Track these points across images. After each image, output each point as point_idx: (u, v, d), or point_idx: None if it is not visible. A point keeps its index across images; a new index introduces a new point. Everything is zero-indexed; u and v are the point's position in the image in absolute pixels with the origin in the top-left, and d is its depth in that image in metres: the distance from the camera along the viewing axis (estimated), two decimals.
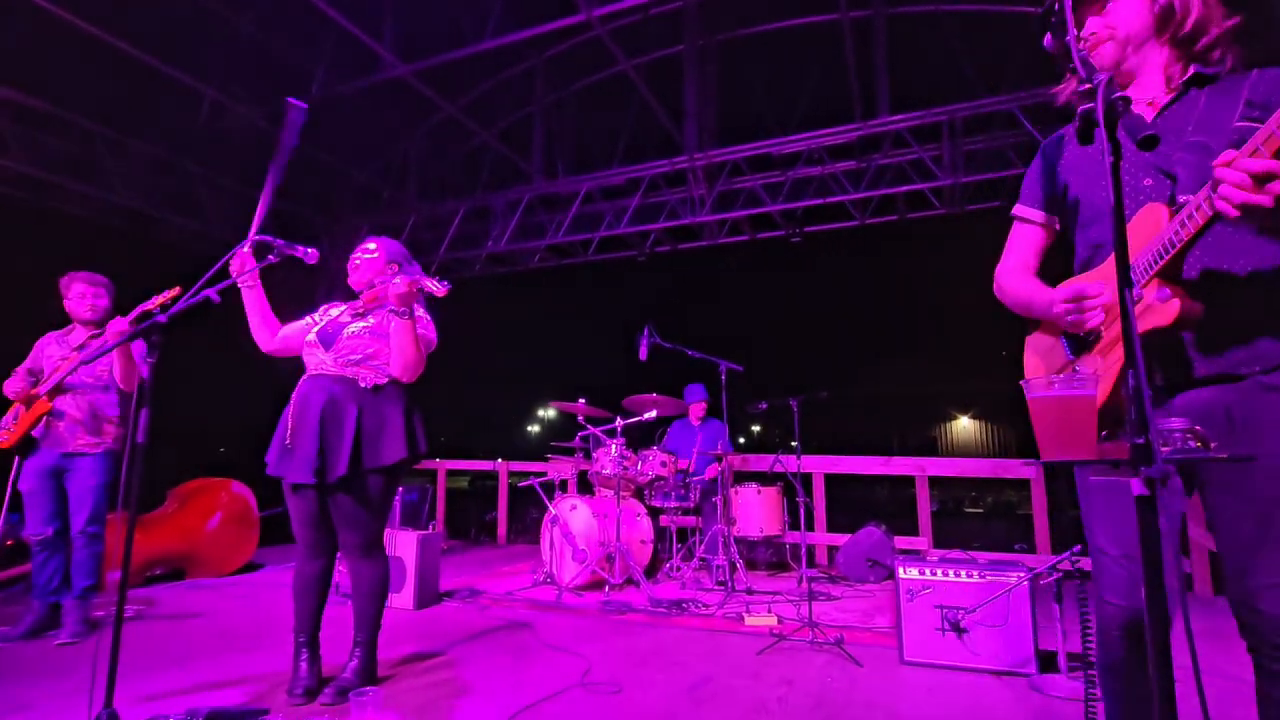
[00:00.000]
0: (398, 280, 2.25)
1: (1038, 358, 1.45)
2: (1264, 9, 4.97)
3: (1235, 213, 1.01)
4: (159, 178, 6.89)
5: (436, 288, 2.23)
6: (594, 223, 7.62)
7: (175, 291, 2.85)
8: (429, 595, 4.00)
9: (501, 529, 7.10)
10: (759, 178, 6.89)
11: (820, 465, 5.76)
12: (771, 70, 6.67)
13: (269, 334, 2.60)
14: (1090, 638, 2.26)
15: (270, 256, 2.26)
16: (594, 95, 7.41)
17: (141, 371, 2.57)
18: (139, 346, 3.22)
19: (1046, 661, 2.73)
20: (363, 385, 2.45)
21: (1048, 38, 1.24)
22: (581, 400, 4.88)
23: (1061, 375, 1.02)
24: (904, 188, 6.33)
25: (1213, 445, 0.97)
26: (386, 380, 2.48)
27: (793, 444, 4.32)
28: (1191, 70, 1.27)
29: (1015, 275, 1.50)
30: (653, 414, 4.89)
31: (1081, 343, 1.33)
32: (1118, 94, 0.92)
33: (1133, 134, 0.88)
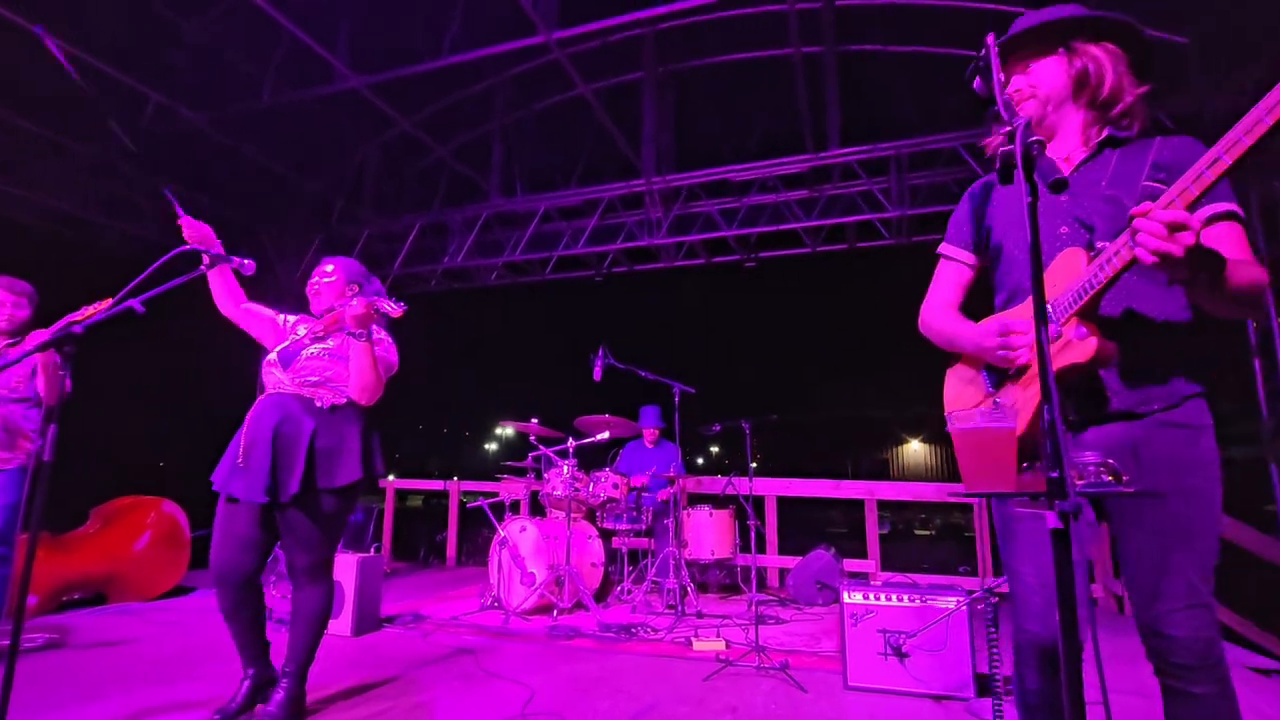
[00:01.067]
0: (355, 302, 2.22)
1: (959, 389, 1.50)
2: (1171, 72, 5.36)
3: (1151, 259, 1.07)
4: (98, 182, 6.60)
5: (392, 308, 2.21)
6: (552, 242, 7.60)
7: (108, 304, 2.72)
8: (369, 621, 3.85)
9: (451, 550, 6.93)
10: (715, 203, 7.00)
11: (772, 488, 5.81)
12: (727, 100, 6.82)
13: (232, 303, 2.59)
14: (998, 660, 2.33)
15: (203, 266, 2.17)
16: (553, 116, 7.43)
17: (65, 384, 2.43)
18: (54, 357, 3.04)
19: (984, 685, 2.78)
20: (319, 405, 2.41)
21: (977, 81, 1.33)
22: (534, 420, 4.82)
23: (982, 408, 1.05)
24: (854, 218, 6.52)
25: (1125, 479, 1.01)
26: (345, 401, 2.45)
27: (750, 465, 4.35)
28: (1106, 132, 1.38)
29: (941, 311, 1.57)
30: (605, 435, 4.87)
31: (1002, 375, 1.39)
32: (1034, 138, 0.97)
33: (1045, 178, 0.93)
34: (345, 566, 3.78)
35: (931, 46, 5.98)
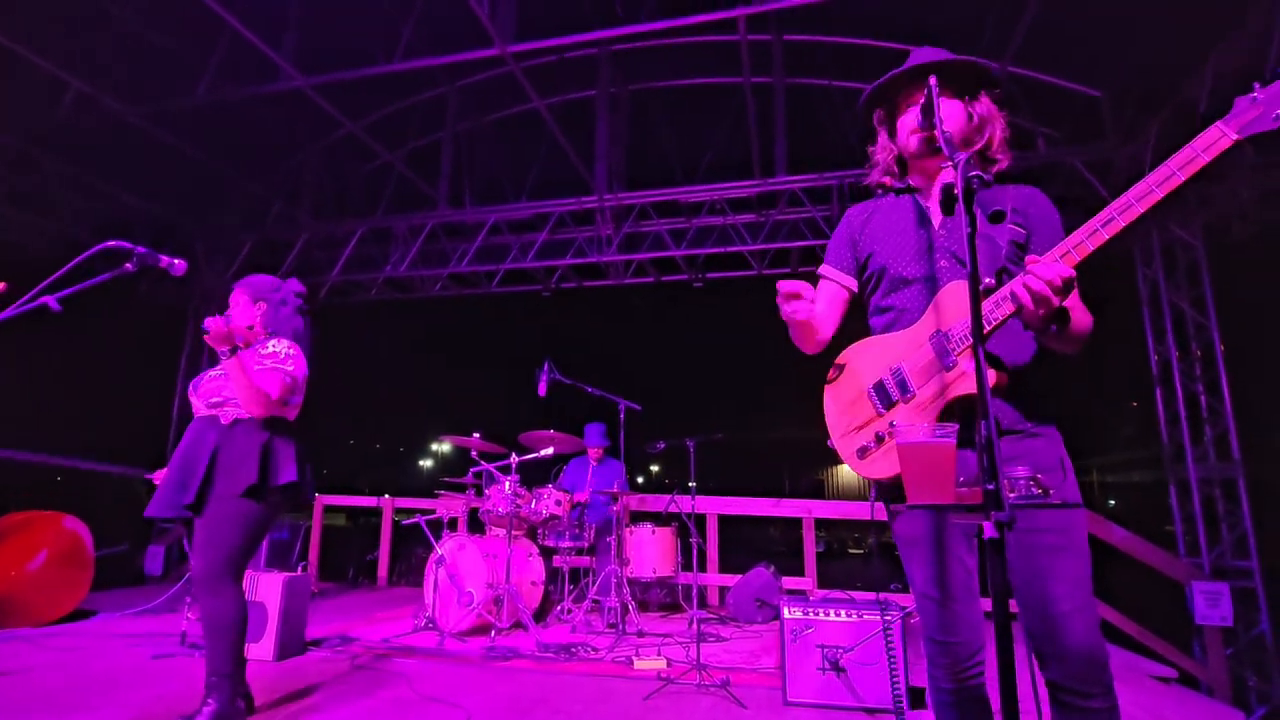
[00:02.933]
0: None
1: (842, 409, 1.54)
2: (1087, 123, 5.85)
3: (1027, 299, 1.18)
4: (9, 173, 6.14)
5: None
6: (500, 254, 7.53)
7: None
8: (293, 644, 3.65)
9: (383, 570, 6.67)
10: (664, 223, 7.10)
11: (714, 506, 5.86)
12: (679, 122, 6.96)
13: None
14: (895, 666, 2.42)
15: (127, 265, 2.04)
16: (506, 128, 7.40)
17: None
18: None
19: (916, 697, 2.86)
20: (223, 422, 2.50)
21: (918, 118, 1.43)
22: (476, 434, 4.72)
23: (925, 424, 1.10)
24: (798, 243, 6.74)
25: (1050, 492, 1.07)
26: (248, 416, 2.50)
27: (689, 484, 4.37)
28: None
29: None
30: (549, 451, 4.81)
31: (889, 399, 1.44)
32: (975, 173, 1.03)
33: (984, 209, 0.99)
34: (269, 586, 3.58)
35: (871, 84, 6.28)
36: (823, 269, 1.69)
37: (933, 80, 1.27)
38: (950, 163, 1.07)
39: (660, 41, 6.21)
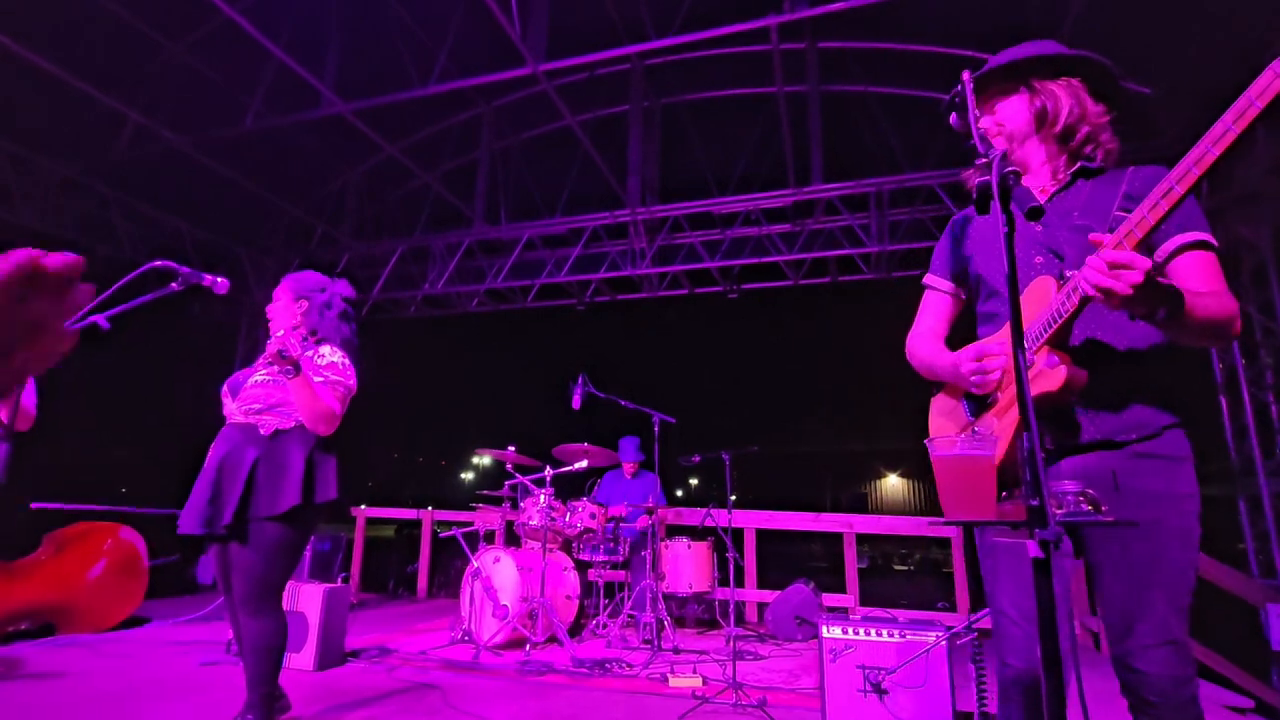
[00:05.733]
0: (271, 339, 2.20)
1: (941, 419, 1.50)
2: (1142, 122, 5.58)
3: (1093, 292, 1.10)
4: (69, 199, 6.50)
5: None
6: (534, 270, 7.62)
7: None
8: (333, 655, 3.70)
9: (422, 582, 6.73)
10: (698, 235, 7.08)
11: (751, 520, 5.75)
12: (712, 134, 6.95)
13: None
14: (986, 696, 2.29)
15: (173, 284, 2.11)
16: (539, 146, 7.51)
17: (27, 404, 2.32)
18: None
19: None
20: (263, 432, 2.38)
21: (953, 117, 1.36)
22: (511, 448, 4.75)
23: (963, 435, 1.04)
24: (835, 252, 6.63)
25: (1104, 509, 1.00)
26: (291, 425, 2.39)
27: (730, 497, 4.29)
28: (1077, 165, 1.42)
29: (924, 340, 1.58)
30: (583, 464, 4.80)
31: (980, 405, 1.38)
32: (1010, 169, 0.98)
33: (1021, 206, 0.94)
34: (310, 597, 3.64)
35: (911, 89, 6.16)
36: (927, 278, 1.66)
37: (966, 75, 1.21)
38: (983, 158, 1.02)
39: (691, 54, 6.23)
